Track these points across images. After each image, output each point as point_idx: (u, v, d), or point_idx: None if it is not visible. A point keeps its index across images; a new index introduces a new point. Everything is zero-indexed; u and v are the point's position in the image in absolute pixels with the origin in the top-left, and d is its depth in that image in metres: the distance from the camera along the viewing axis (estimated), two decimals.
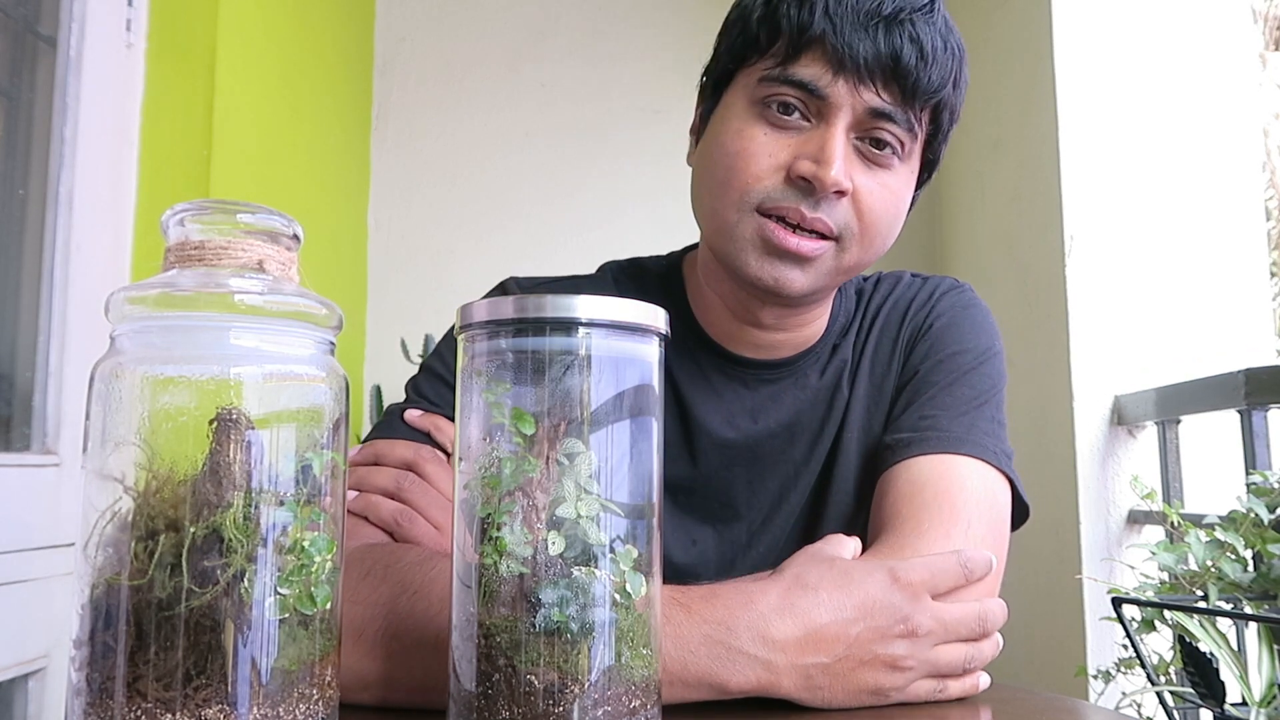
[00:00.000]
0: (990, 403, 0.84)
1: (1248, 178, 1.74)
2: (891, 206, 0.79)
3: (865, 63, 0.73)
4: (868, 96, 0.74)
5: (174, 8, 1.30)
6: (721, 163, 0.78)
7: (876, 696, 0.63)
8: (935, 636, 0.64)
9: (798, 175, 0.75)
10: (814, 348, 0.89)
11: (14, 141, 1.12)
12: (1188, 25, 1.73)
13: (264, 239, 0.47)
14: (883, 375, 0.89)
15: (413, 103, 2.28)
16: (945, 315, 0.89)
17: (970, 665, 0.66)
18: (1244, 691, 0.81)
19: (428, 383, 0.86)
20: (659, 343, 0.52)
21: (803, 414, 0.89)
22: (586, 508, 0.48)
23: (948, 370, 0.85)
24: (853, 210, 0.77)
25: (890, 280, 0.94)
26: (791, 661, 0.60)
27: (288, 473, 0.45)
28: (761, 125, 0.77)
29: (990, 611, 0.67)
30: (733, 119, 0.79)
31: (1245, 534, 0.97)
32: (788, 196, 0.75)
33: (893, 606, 0.62)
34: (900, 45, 0.73)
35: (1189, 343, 1.65)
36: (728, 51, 0.81)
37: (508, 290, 0.91)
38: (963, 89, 0.80)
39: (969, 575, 0.67)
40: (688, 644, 0.59)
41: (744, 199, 0.77)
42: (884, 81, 0.74)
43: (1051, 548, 1.69)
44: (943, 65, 0.75)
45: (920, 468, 0.78)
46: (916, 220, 2.27)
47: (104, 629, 0.42)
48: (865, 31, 0.73)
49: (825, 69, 0.74)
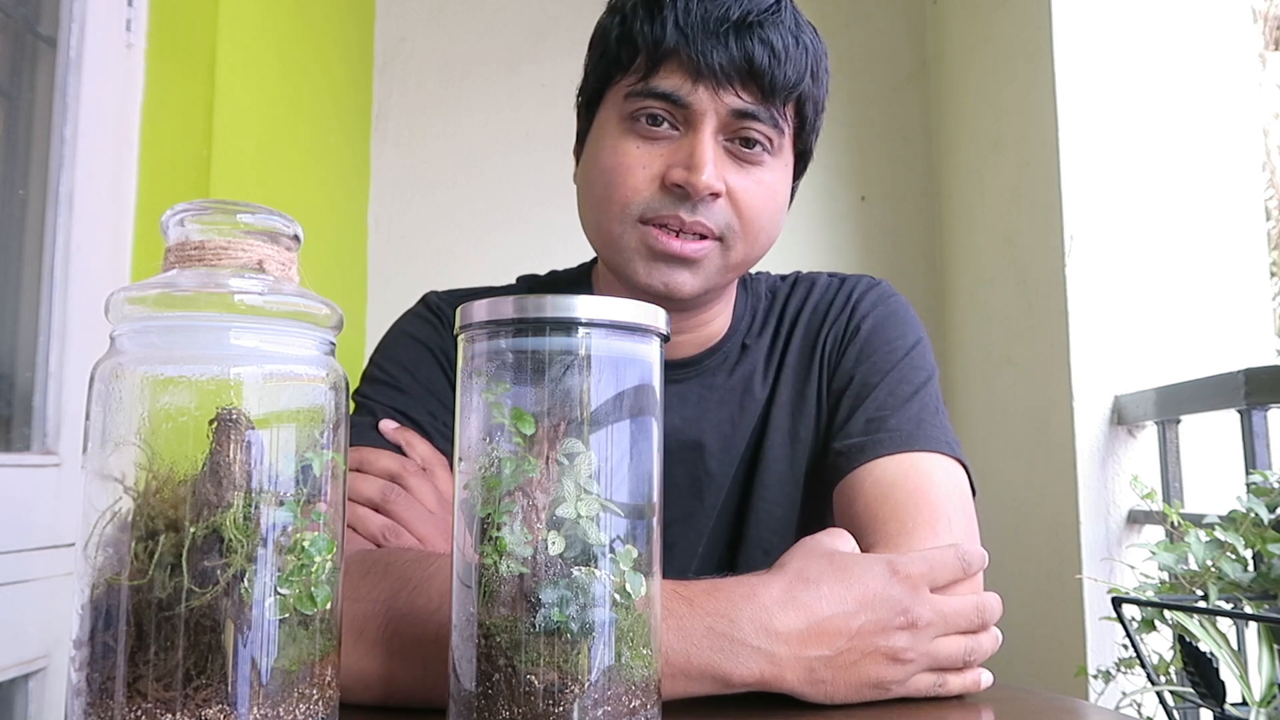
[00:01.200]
0: (930, 394, 0.85)
1: (1248, 178, 1.74)
2: (769, 201, 0.82)
3: (721, 68, 0.77)
4: (729, 99, 0.78)
5: (174, 8, 1.30)
6: (600, 179, 0.82)
7: (878, 690, 0.63)
8: (935, 628, 0.64)
9: (672, 183, 0.78)
10: (719, 346, 0.91)
11: (14, 141, 1.12)
12: (1188, 25, 1.73)
13: (264, 239, 0.47)
14: (804, 381, 0.90)
15: (413, 103, 2.28)
16: (870, 316, 0.90)
17: (970, 658, 0.66)
18: (1244, 691, 0.81)
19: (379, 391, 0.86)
20: (659, 343, 0.53)
21: (709, 412, 0.90)
22: (586, 508, 0.48)
23: (883, 370, 0.86)
24: (731, 209, 0.80)
25: (806, 282, 0.95)
26: (794, 653, 0.60)
27: (288, 473, 0.45)
28: (633, 139, 0.80)
29: (988, 604, 0.67)
30: (606, 136, 0.82)
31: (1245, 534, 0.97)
32: (665, 205, 0.79)
33: (893, 599, 0.63)
34: (752, 48, 0.77)
35: (1189, 343, 1.65)
36: (594, 71, 0.86)
37: (430, 303, 0.94)
38: (823, 81, 0.83)
39: (967, 569, 0.68)
40: (691, 636, 0.59)
41: (625, 212, 0.80)
42: (742, 83, 0.78)
43: (1051, 548, 1.69)
44: (796, 61, 0.78)
45: (884, 469, 0.79)
46: (916, 220, 2.29)
47: (104, 629, 0.42)
48: (717, 39, 0.77)
49: (685, 78, 0.78)
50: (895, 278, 1.91)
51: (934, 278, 2.26)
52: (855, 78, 2.30)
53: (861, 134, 2.30)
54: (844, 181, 2.28)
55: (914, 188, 2.29)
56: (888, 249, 2.27)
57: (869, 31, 2.32)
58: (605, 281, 0.91)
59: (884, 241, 2.27)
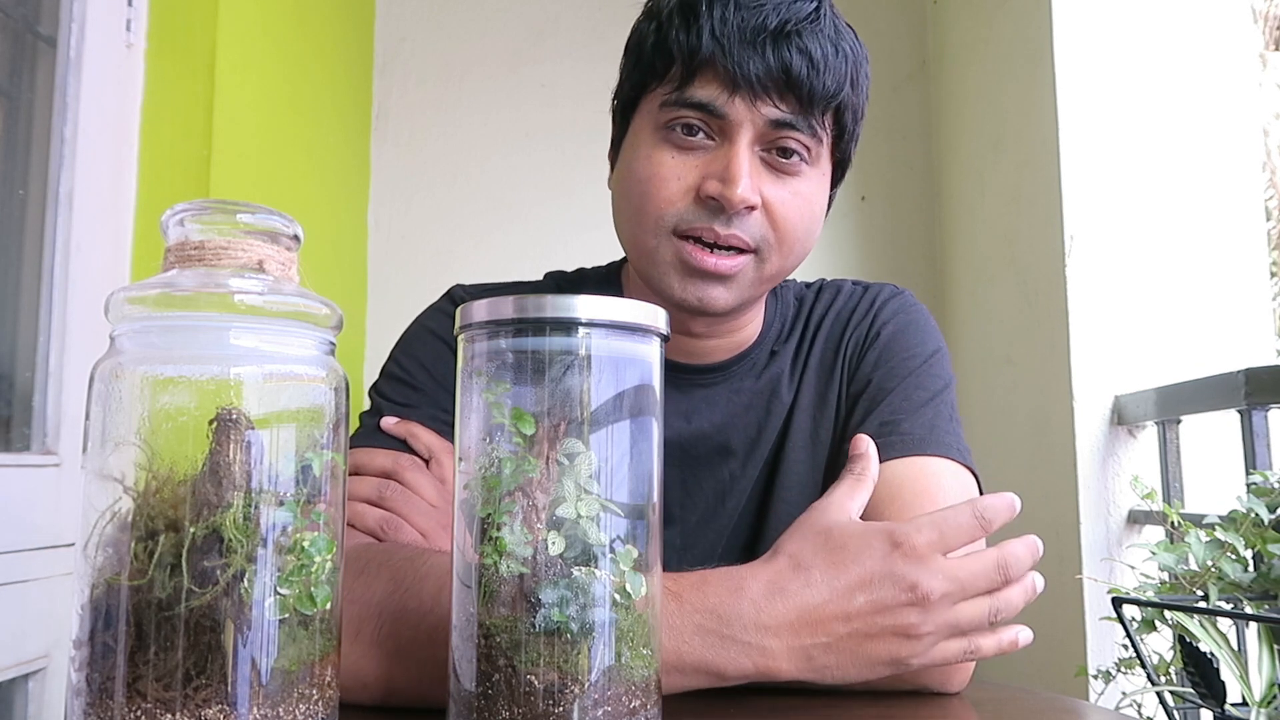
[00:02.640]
0: (945, 401, 0.85)
1: (1248, 178, 1.74)
2: (806, 213, 0.80)
3: (758, 79, 0.75)
4: (766, 110, 0.76)
5: (174, 8, 1.30)
6: (635, 189, 0.80)
7: (896, 666, 0.61)
8: (952, 597, 0.61)
9: (707, 195, 0.76)
10: (749, 353, 0.91)
11: (14, 141, 1.12)
12: (1188, 25, 1.73)
13: (264, 239, 0.47)
14: (826, 384, 0.90)
15: (413, 103, 2.27)
16: (891, 323, 0.90)
17: (998, 617, 0.63)
18: (1244, 691, 0.81)
19: (393, 388, 0.87)
20: (659, 343, 0.53)
21: (736, 416, 0.90)
22: (586, 508, 0.48)
23: (900, 375, 0.86)
24: (766, 222, 0.78)
25: (831, 289, 0.95)
26: (788, 644, 0.59)
27: (288, 473, 0.45)
28: (668, 149, 0.79)
29: (1012, 554, 0.63)
30: (641, 145, 0.81)
31: (1245, 534, 0.97)
32: (700, 217, 0.77)
33: (895, 575, 0.60)
34: (790, 58, 0.75)
35: (1189, 343, 1.65)
36: (629, 78, 0.84)
37: (454, 297, 0.94)
38: (863, 89, 0.82)
39: (986, 525, 0.63)
40: (681, 634, 0.59)
41: (659, 224, 0.79)
42: (779, 94, 0.76)
43: (1051, 548, 1.69)
44: (835, 70, 0.77)
45: (893, 471, 0.78)
46: (916, 220, 2.29)
47: (104, 629, 0.42)
48: (754, 48, 0.75)
49: (721, 89, 0.76)
50: (895, 277, 1.91)
51: (934, 278, 2.26)
52: None
53: (862, 134, 2.30)
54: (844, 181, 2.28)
55: (914, 188, 2.29)
56: (888, 249, 2.27)
57: (869, 31, 2.30)
58: (634, 283, 0.91)
59: (884, 241, 2.27)
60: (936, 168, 2.29)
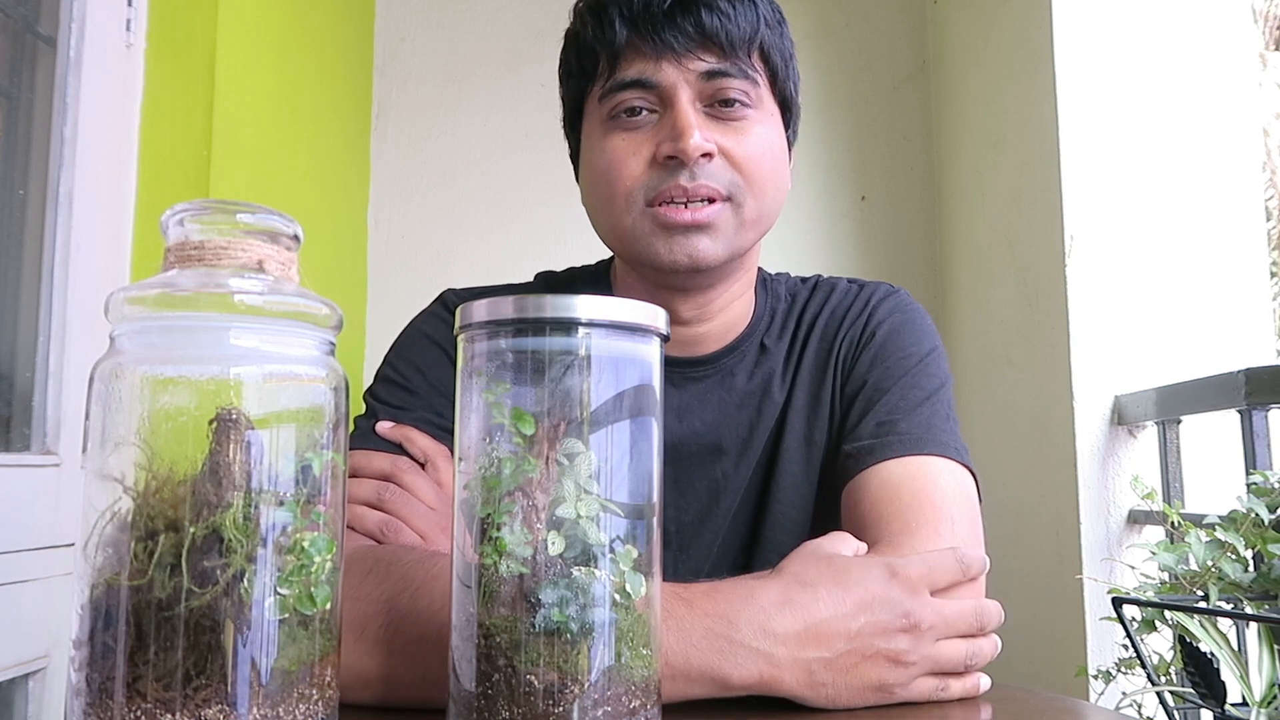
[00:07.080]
0: (941, 400, 0.86)
1: (1248, 178, 1.73)
2: (765, 151, 0.83)
3: (677, 40, 0.80)
4: (694, 65, 0.80)
5: (174, 8, 1.30)
6: (599, 179, 0.84)
7: (881, 694, 0.63)
8: (937, 631, 0.64)
9: (665, 156, 0.80)
10: (739, 343, 0.91)
11: (14, 141, 1.12)
12: (1188, 25, 1.73)
13: (264, 239, 0.47)
14: (820, 385, 0.90)
15: (413, 103, 2.27)
16: (886, 322, 0.91)
17: (971, 662, 0.66)
18: (1244, 691, 0.81)
19: (388, 391, 0.87)
20: (659, 343, 0.53)
21: (728, 416, 0.90)
22: (586, 508, 0.48)
23: (896, 374, 0.87)
24: (730, 167, 0.81)
25: (826, 287, 0.96)
26: (793, 655, 0.60)
27: (287, 473, 0.45)
28: (618, 134, 0.83)
29: (987, 609, 0.67)
30: (594, 141, 0.85)
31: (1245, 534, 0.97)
32: (664, 179, 0.81)
33: (893, 601, 0.63)
34: (699, 14, 0.80)
35: (1189, 343, 1.65)
36: (568, 95, 0.89)
37: (446, 301, 0.95)
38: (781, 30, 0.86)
39: (966, 572, 0.68)
40: (690, 637, 0.59)
41: (630, 200, 0.82)
42: (702, 48, 0.80)
43: (1051, 548, 1.69)
44: (745, 15, 0.81)
45: (891, 471, 0.79)
46: (916, 220, 2.29)
47: (104, 629, 0.42)
48: (665, 16, 0.80)
49: (647, 62, 0.81)
50: (895, 278, 1.91)
51: (934, 278, 2.26)
52: (855, 78, 2.29)
53: (861, 134, 2.30)
54: (844, 181, 2.28)
55: (914, 188, 2.29)
56: (888, 249, 2.27)
57: (869, 31, 2.32)
58: (623, 277, 0.92)
59: (884, 241, 2.27)
60: (936, 168, 2.29)
